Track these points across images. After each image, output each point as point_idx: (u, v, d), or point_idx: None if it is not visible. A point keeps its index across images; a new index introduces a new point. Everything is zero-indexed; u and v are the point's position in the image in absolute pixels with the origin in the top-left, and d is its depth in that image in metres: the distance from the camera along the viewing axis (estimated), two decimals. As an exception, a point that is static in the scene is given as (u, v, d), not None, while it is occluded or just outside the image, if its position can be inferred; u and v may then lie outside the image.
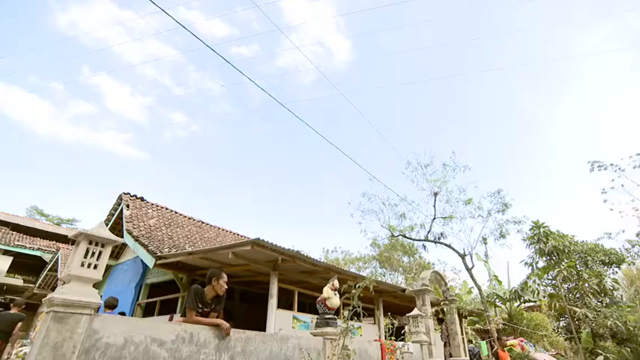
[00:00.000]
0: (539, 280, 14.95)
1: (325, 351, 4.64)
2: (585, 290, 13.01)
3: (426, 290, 9.24)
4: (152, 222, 10.38)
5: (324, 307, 5.09)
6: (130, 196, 11.16)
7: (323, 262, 7.98)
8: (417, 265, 24.79)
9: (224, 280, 3.80)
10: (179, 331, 3.27)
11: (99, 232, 2.96)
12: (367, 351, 5.69)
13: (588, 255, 15.05)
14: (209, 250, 7.00)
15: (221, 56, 5.95)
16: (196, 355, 3.30)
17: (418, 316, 7.73)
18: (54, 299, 2.57)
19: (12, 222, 21.96)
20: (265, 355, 3.92)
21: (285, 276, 8.01)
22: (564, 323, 14.37)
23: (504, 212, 13.07)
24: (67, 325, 2.57)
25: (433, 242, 13.53)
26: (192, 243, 10.35)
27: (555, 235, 14.48)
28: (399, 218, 14.14)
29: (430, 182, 13.55)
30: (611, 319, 11.36)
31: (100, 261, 2.93)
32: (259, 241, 6.18)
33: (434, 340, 8.45)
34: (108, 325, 2.83)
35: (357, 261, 27.13)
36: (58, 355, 2.48)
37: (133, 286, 9.91)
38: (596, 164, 14.89)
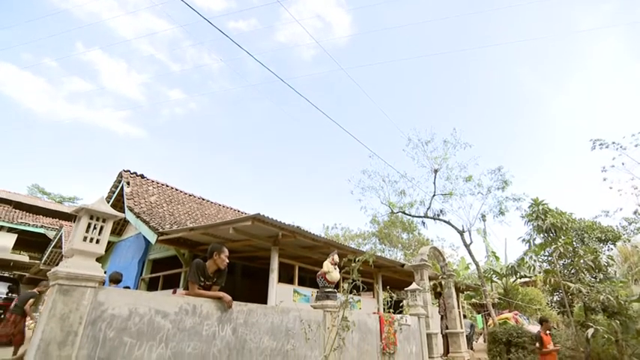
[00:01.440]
0: (535, 257, 15.15)
1: (325, 322, 4.78)
2: (580, 266, 13.21)
3: (424, 265, 9.41)
4: (153, 199, 10.43)
5: (324, 281, 5.20)
6: (129, 173, 11.15)
7: (323, 238, 8.07)
8: (416, 242, 25.13)
9: (225, 255, 3.86)
10: (182, 303, 3.35)
11: (99, 207, 2.98)
12: (366, 323, 5.86)
13: (585, 232, 15.18)
14: (210, 225, 7.07)
15: (218, 29, 5.78)
16: (199, 326, 3.39)
17: (416, 290, 7.92)
18: (58, 273, 2.62)
19: (14, 200, 22.09)
20: (267, 327, 4.03)
21: (285, 251, 8.12)
22: (558, 298, 14.68)
23: (504, 189, 13.12)
24: (72, 298, 2.63)
25: (432, 219, 13.65)
26: (194, 220, 10.44)
27: (554, 213, 14.54)
28: (399, 195, 14.20)
29: (431, 159, 13.50)
30: (603, 294, 11.59)
31: (101, 236, 2.96)
32: (260, 217, 6.22)
33: (431, 313, 8.70)
34: (113, 298, 2.90)
35: (356, 237, 27.48)
36: (66, 326, 2.55)
37: (137, 261, 10.08)
38: (598, 142, 14.77)
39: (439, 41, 54.91)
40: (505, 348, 9.75)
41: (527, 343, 9.69)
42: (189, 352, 3.23)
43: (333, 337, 3.66)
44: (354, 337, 5.31)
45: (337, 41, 55.57)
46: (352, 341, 5.26)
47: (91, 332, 2.69)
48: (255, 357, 3.80)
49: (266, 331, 4.00)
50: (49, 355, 2.43)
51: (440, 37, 60.73)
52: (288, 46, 52.12)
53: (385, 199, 14.07)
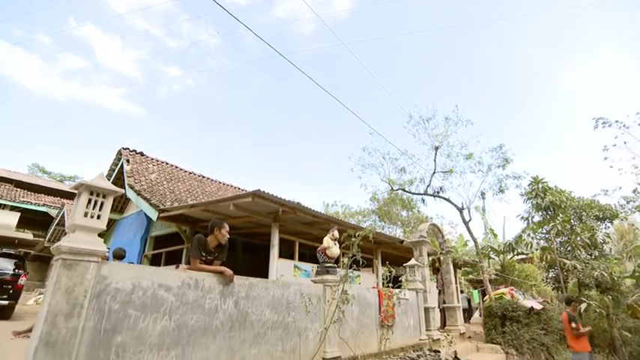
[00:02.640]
0: (533, 234, 15.38)
1: (325, 296, 4.88)
2: (577, 244, 13.43)
3: (423, 242, 9.53)
4: (153, 177, 10.44)
5: (324, 257, 5.27)
6: (129, 151, 11.10)
7: (323, 214, 8.13)
8: (416, 219, 25.35)
9: (226, 230, 3.90)
10: (184, 277, 3.40)
11: (99, 183, 2.97)
12: (366, 297, 5.99)
13: (583, 210, 15.31)
14: (210, 202, 7.11)
15: (215, 1, 5.57)
16: (202, 299, 3.47)
17: (415, 266, 8.06)
18: (61, 247, 2.64)
19: (15, 179, 22.13)
20: (268, 300, 4.12)
21: (285, 227, 8.20)
22: (553, 274, 15.02)
23: (504, 167, 13.10)
24: (76, 272, 2.66)
25: (432, 196, 13.71)
26: (194, 197, 10.49)
27: (553, 191, 14.64)
28: (399, 172, 14.21)
29: (431, 137, 13.41)
30: (597, 270, 11.85)
31: (102, 211, 2.96)
32: (260, 193, 6.24)
33: (429, 288, 8.88)
34: (116, 272, 2.94)
35: (356, 215, 27.70)
36: (71, 299, 2.60)
37: (139, 238, 10.21)
38: (601, 121, 14.65)
39: (443, 15, 53.27)
40: (500, 321, 10.02)
41: (521, 317, 9.96)
42: (192, 324, 3.31)
43: (333, 310, 3.75)
44: (353, 311, 5.44)
45: (337, 15, 53.89)
46: (352, 314, 5.39)
47: (97, 305, 2.75)
48: (257, 329, 3.91)
49: (267, 304, 4.10)
50: (56, 326, 2.49)
51: (444, 10, 58.88)
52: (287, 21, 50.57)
53: (385, 177, 14.09)
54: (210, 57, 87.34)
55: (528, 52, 59.55)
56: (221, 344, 3.51)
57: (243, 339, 3.73)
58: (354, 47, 54.41)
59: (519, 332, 9.59)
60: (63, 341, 2.49)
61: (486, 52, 61.52)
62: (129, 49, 78.01)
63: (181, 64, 78.97)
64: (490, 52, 64.99)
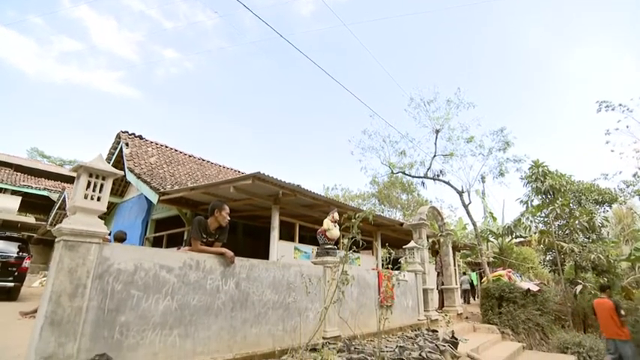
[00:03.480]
0: (532, 217, 15.45)
1: (325, 277, 4.95)
2: (575, 227, 13.52)
3: (422, 224, 9.59)
4: (153, 160, 10.41)
5: (324, 238, 5.32)
6: (128, 134, 11.04)
7: (323, 196, 8.15)
8: (415, 203, 25.44)
9: (226, 212, 3.92)
10: (186, 258, 3.44)
11: (98, 165, 2.95)
12: (365, 278, 6.08)
13: (583, 194, 15.32)
14: (211, 184, 7.12)
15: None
16: (203, 280, 3.51)
17: (414, 248, 8.14)
18: (62, 229, 2.66)
19: (15, 163, 22.08)
20: (269, 281, 4.18)
21: (286, 210, 8.24)
22: (551, 257, 15.18)
23: (505, 151, 13.07)
24: (78, 253, 2.69)
25: (432, 179, 13.73)
26: (194, 180, 10.49)
27: (553, 175, 14.61)
28: (399, 155, 14.19)
29: (432, 119, 13.32)
30: (594, 253, 11.99)
31: (102, 193, 2.96)
32: (260, 175, 6.23)
33: (428, 270, 9.01)
34: (118, 253, 2.97)
35: (356, 198, 27.80)
36: (74, 279, 2.63)
37: (140, 221, 10.28)
38: (604, 104, 14.50)
39: (446, -6, 51.76)
40: (497, 302, 10.21)
41: (518, 299, 10.13)
42: (194, 304, 3.37)
43: (333, 291, 3.80)
44: (353, 292, 5.53)
45: (338, -5, 52.44)
46: (351, 295, 5.49)
47: (99, 285, 2.79)
48: (258, 309, 3.98)
49: (268, 285, 4.16)
50: (61, 305, 2.53)
51: (447, -11, 57.19)
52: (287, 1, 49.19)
53: (385, 160, 14.08)
54: (208, 39, 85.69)
55: (531, 36, 58.34)
56: (223, 324, 3.58)
57: (245, 319, 3.81)
58: (355, 28, 53.31)
59: (515, 313, 9.79)
60: (68, 320, 2.54)
61: (488, 36, 60.30)
62: (125, 31, 76.42)
63: (179, 47, 77.58)
64: (492, 36, 63.71)
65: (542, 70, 61.26)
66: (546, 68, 61.63)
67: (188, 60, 76.00)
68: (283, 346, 3.97)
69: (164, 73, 79.80)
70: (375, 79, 67.83)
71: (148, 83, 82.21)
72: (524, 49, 61.64)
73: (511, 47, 63.14)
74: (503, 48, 63.42)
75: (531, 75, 61.37)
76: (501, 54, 62.71)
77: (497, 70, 63.51)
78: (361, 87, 59.97)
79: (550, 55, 61.01)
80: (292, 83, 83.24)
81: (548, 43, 59.51)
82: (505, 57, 62.93)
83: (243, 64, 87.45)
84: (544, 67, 62.03)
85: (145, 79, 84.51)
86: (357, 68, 65.36)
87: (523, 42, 61.39)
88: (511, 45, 63.29)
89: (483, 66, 60.57)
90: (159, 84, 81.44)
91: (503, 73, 63.87)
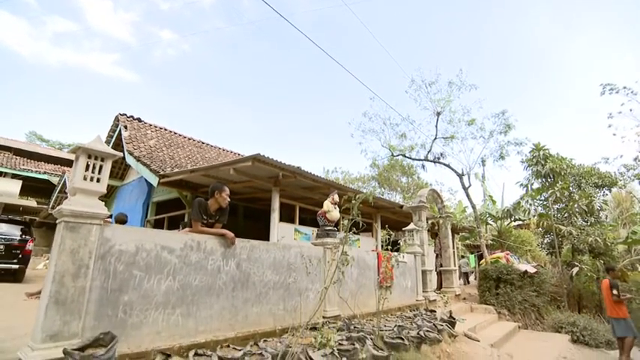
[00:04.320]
0: (531, 201, 15.51)
1: (325, 258, 5.01)
2: (574, 210, 13.58)
3: (422, 207, 9.63)
4: (152, 143, 10.36)
5: (324, 220, 5.35)
6: (126, 117, 10.94)
7: (323, 178, 8.14)
8: (415, 186, 25.46)
9: (226, 193, 3.92)
10: (187, 239, 3.46)
11: (96, 146, 2.93)
12: (365, 260, 6.15)
13: (583, 178, 15.32)
14: (210, 167, 7.10)
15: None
16: (204, 261, 3.55)
17: (414, 230, 8.20)
18: (63, 210, 2.66)
19: (14, 147, 21.96)
20: (269, 262, 4.23)
21: (286, 192, 8.25)
22: (549, 240, 15.33)
23: (506, 134, 12.98)
24: (79, 234, 2.70)
25: (432, 162, 13.70)
26: (194, 163, 10.46)
27: (554, 158, 14.57)
28: (400, 138, 14.13)
29: (434, 102, 13.18)
30: (592, 236, 12.09)
31: (101, 174, 2.95)
32: (260, 157, 6.20)
33: (427, 252, 9.10)
34: (119, 234, 2.99)
35: (356, 181, 27.81)
36: (77, 260, 2.66)
37: (141, 204, 10.32)
38: (608, 87, 14.31)
39: (450, -28, 50.26)
40: (494, 284, 10.37)
41: (515, 280, 10.28)
42: (196, 285, 3.41)
43: (332, 271, 3.85)
44: (352, 272, 5.61)
45: (339, -28, 50.89)
46: (351, 276, 5.57)
47: (102, 266, 2.82)
48: (259, 289, 4.04)
49: (268, 265, 4.21)
50: (64, 285, 2.56)
51: (451, -33, 55.52)
52: (286, -21, 47.68)
53: (386, 142, 14.02)
54: (206, 19, 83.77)
55: (538, 18, 56.91)
56: (224, 303, 3.64)
57: (246, 298, 3.87)
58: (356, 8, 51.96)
59: (512, 294, 9.96)
60: (72, 299, 2.58)
61: (495, 18, 58.86)
62: (120, 12, 74.65)
63: (175, 28, 75.94)
64: (496, 18, 62.18)
65: (547, 53, 60.12)
66: (550, 52, 60.47)
67: (185, 41, 74.57)
68: (284, 325, 4.05)
69: (161, 55, 78.48)
70: (376, 60, 66.68)
71: (145, 66, 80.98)
72: (530, 32, 60.33)
73: (517, 30, 61.77)
74: (509, 31, 62.06)
75: (535, 59, 60.30)
76: (507, 37, 61.42)
77: (502, 54, 62.37)
78: (362, 69, 59.09)
79: (555, 38, 59.74)
80: (292, 65, 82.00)
81: (553, 26, 58.18)
82: (510, 40, 61.67)
83: (241, 45, 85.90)
84: (548, 51, 60.86)
85: (142, 62, 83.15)
86: (358, 49, 64.18)
87: (529, 25, 60.01)
88: (517, 28, 61.90)
89: (488, 49, 59.46)
90: (156, 66, 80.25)
91: (508, 56, 62.74)
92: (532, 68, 61.82)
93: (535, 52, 58.06)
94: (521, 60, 62.25)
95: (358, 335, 4.23)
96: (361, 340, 4.12)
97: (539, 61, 60.39)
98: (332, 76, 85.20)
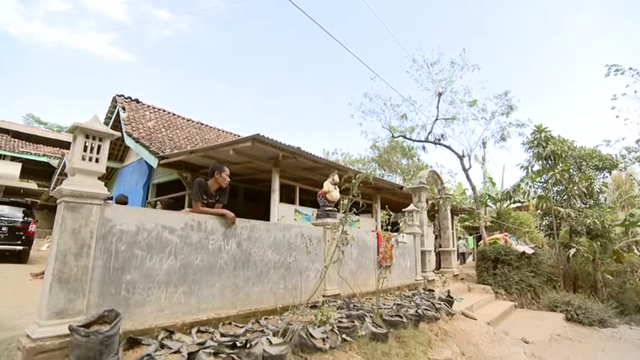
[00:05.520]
0: (531, 183, 15.52)
1: (325, 238, 5.05)
2: (573, 193, 13.61)
3: (422, 188, 9.65)
4: (151, 124, 10.28)
5: (324, 201, 5.37)
6: (124, 98, 10.80)
7: (323, 159, 8.10)
8: (416, 168, 25.41)
9: (226, 173, 3.91)
10: (187, 219, 3.48)
11: (94, 126, 2.90)
12: (365, 240, 6.21)
13: (584, 160, 15.26)
14: (210, 147, 7.07)
15: None
16: (205, 240, 3.58)
17: (413, 211, 8.25)
18: (63, 190, 2.65)
19: (12, 129, 21.80)
20: (270, 242, 4.27)
21: (286, 173, 8.24)
22: (547, 222, 15.43)
23: (508, 115, 12.88)
24: (80, 214, 2.70)
25: (433, 143, 13.64)
26: (193, 144, 10.41)
27: (555, 140, 14.48)
28: (401, 119, 14.02)
29: (435, 82, 13.00)
30: (590, 218, 12.17)
31: (100, 154, 2.93)
32: (259, 137, 6.15)
33: (426, 232, 9.18)
34: (120, 214, 3.00)
35: (356, 162, 27.75)
36: (79, 239, 2.67)
37: (141, 186, 10.33)
38: (614, 68, 14.06)
39: (455, -53, 48.44)
40: (492, 264, 10.52)
41: (513, 261, 10.43)
42: (197, 264, 3.45)
43: (333, 251, 3.88)
44: (352, 252, 5.67)
45: (340, -53, 49.08)
46: (351, 256, 5.63)
47: (103, 245, 2.84)
48: (260, 268, 4.09)
49: (269, 245, 4.25)
50: (67, 264, 2.58)
51: (456, -59, 53.48)
52: (285, -46, 46.13)
53: (386, 123, 13.92)
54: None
55: None
56: (226, 282, 3.69)
57: (247, 277, 3.92)
58: (357, -15, 50.33)
59: (510, 274, 10.12)
60: (75, 278, 2.61)
61: None
62: (114, -12, 72.33)
63: (172, 7, 73.91)
64: None
65: (551, 35, 58.77)
66: (555, 33, 59.08)
67: (182, 21, 72.78)
68: (285, 304, 4.13)
69: (157, 35, 76.79)
70: (377, 39, 65.21)
71: (142, 46, 79.39)
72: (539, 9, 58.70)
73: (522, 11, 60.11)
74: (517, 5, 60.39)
75: (540, 41, 58.95)
76: (512, 18, 59.83)
77: (506, 34, 60.93)
78: (363, 48, 57.93)
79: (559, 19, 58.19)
80: (291, 46, 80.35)
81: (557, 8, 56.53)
82: (515, 21, 60.08)
83: (239, 25, 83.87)
84: (553, 32, 59.46)
85: (138, 42, 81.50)
86: (358, 27, 62.74)
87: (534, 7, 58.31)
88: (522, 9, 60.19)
89: (492, 29, 58.04)
90: (152, 47, 78.67)
91: (512, 37, 61.31)
92: (536, 49, 60.58)
93: (540, 33, 56.74)
94: (526, 40, 60.93)
95: (358, 313, 4.32)
96: (360, 317, 4.22)
97: (543, 43, 59.12)
98: (332, 55, 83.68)
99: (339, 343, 3.48)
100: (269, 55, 77.44)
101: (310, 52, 77.84)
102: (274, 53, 79.32)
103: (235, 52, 79.77)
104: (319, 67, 72.98)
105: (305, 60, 75.18)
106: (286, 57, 77.49)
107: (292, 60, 77.59)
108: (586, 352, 6.16)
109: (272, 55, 78.15)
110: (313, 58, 74.69)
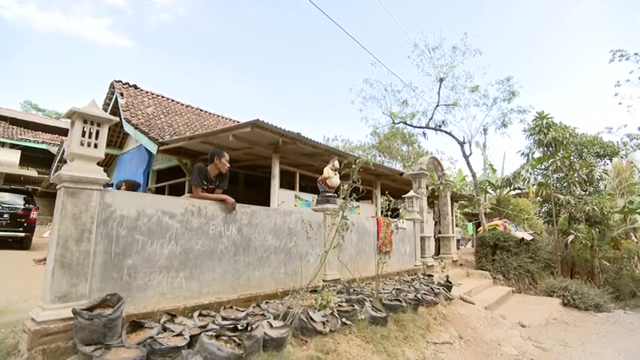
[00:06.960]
0: (532, 170, 15.51)
1: (325, 223, 5.07)
2: (573, 180, 13.60)
3: (422, 174, 9.64)
4: (149, 110, 10.19)
5: (324, 186, 5.37)
6: (122, 84, 10.68)
7: (323, 145, 8.06)
8: (416, 154, 25.33)
9: (226, 159, 3.90)
10: (187, 205, 3.48)
11: (92, 111, 2.87)
12: (364, 226, 6.24)
13: (585, 147, 15.19)
14: (209, 133, 7.02)
15: None
16: (206, 226, 3.59)
17: (413, 197, 8.26)
18: (62, 176, 2.65)
19: (9, 116, 21.62)
20: (270, 227, 4.29)
21: (286, 158, 8.21)
22: (547, 208, 15.47)
23: (510, 101, 12.77)
24: (80, 199, 2.70)
25: (434, 129, 13.57)
26: (193, 130, 10.34)
27: (557, 127, 14.38)
28: (401, 105, 13.91)
29: (437, 67, 12.84)
30: (590, 205, 12.19)
31: (98, 140, 2.91)
32: (259, 123, 6.10)
33: (426, 219, 9.22)
34: (120, 200, 3.00)
35: (356, 149, 27.66)
36: (79, 224, 2.68)
37: (141, 172, 10.32)
38: (618, 53, 13.85)
39: None
40: (491, 250, 10.61)
41: (511, 247, 10.52)
42: (198, 249, 3.48)
43: (333, 236, 3.90)
44: (352, 238, 5.71)
45: None
46: (351, 241, 5.67)
47: (104, 230, 2.85)
48: (261, 253, 4.12)
49: (269, 230, 4.27)
50: (68, 249, 2.60)
51: None
52: None
53: (387, 110, 13.82)
54: (200, -21, 79.50)
55: (550, -28, 53.81)
56: (227, 267, 3.73)
57: (248, 262, 3.96)
58: (358, -33, 49.06)
59: (508, 260, 10.22)
60: (77, 263, 2.63)
61: (504, -27, 55.64)
62: (110, -29, 70.69)
63: (169, -12, 72.06)
64: (508, -27, 58.85)
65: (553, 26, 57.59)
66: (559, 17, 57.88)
67: (180, 4, 71.34)
68: (285, 288, 4.17)
69: (155, 20, 75.40)
70: (378, 23, 64.04)
71: (139, 31, 78.08)
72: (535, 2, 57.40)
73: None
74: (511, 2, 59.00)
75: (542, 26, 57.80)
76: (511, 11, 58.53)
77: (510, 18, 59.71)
78: (363, 33, 56.87)
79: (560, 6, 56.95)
80: (290, 29, 78.97)
81: (566, -16, 55.20)
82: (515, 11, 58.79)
83: (239, 8, 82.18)
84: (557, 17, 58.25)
85: (136, 27, 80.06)
86: (359, 11, 61.51)
87: None
88: None
89: (495, 13, 56.83)
90: (150, 32, 77.35)
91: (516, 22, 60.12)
92: (539, 35, 59.52)
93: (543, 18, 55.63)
94: (529, 25, 59.78)
95: (357, 298, 4.37)
96: (360, 302, 4.27)
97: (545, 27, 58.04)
98: (332, 39, 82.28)
99: (339, 327, 3.53)
100: (268, 38, 76.19)
101: (309, 36, 76.60)
102: (273, 37, 78.06)
103: (234, 37, 78.52)
104: (319, 51, 71.92)
105: (304, 43, 74.03)
106: (285, 41, 76.28)
107: (291, 44, 76.42)
108: (581, 336, 6.27)
109: (271, 39, 76.91)
110: (313, 41, 73.49)
